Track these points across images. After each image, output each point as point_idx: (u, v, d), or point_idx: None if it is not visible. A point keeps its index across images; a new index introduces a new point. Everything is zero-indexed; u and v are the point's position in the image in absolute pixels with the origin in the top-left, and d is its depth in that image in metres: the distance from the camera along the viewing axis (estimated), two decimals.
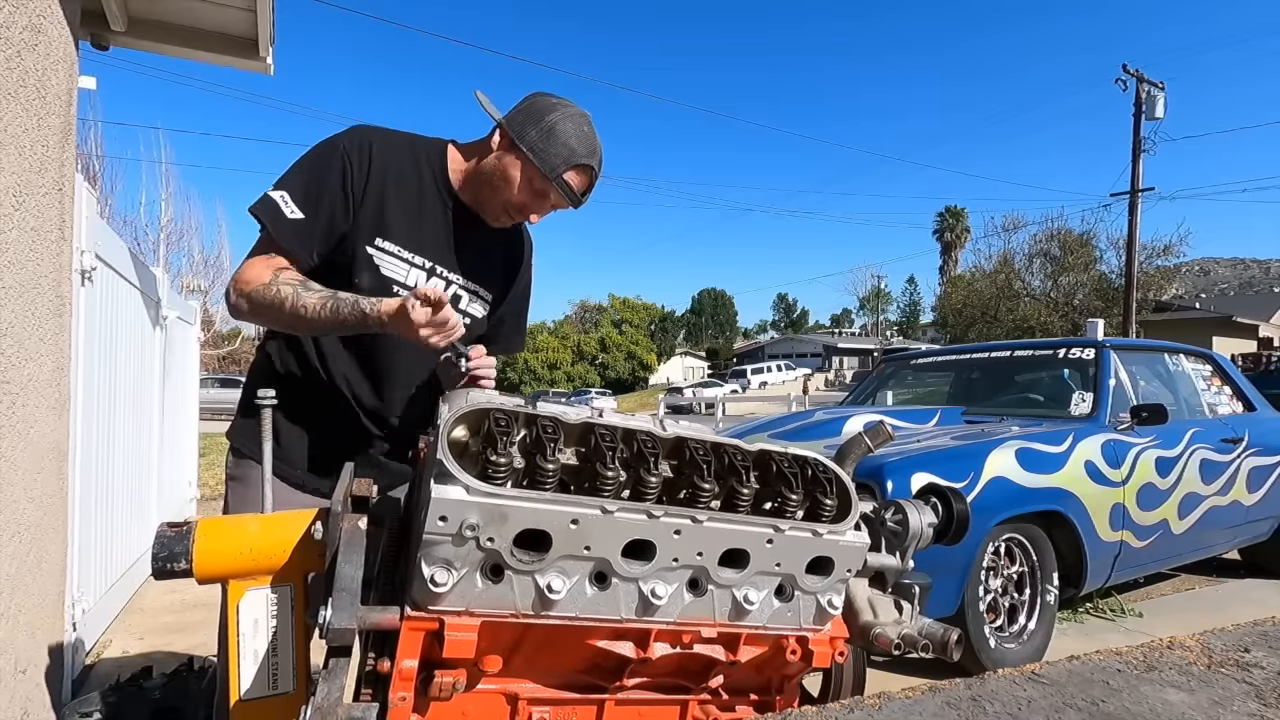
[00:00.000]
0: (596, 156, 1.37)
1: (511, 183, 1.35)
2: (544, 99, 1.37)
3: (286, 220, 1.28)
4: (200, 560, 0.97)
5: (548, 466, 0.89)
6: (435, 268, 1.42)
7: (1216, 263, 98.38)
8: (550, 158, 1.32)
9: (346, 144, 1.34)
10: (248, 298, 1.27)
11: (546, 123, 1.32)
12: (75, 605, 2.42)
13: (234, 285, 1.29)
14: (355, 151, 1.33)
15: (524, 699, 1.02)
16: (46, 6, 1.73)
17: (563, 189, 1.35)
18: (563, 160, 1.33)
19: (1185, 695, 1.08)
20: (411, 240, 1.38)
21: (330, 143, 1.35)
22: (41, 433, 1.81)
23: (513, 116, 1.36)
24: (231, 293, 1.29)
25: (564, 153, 1.33)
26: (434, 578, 0.86)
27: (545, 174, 1.33)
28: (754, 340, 72.84)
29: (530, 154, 1.32)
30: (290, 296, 1.24)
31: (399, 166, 1.38)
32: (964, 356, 4.78)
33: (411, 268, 1.39)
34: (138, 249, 10.72)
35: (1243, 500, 3.84)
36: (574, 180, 1.36)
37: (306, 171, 1.33)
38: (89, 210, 2.46)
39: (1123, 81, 18.26)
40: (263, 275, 1.27)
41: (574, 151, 1.33)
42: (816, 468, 1.06)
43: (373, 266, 1.35)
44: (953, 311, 29.08)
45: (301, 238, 1.30)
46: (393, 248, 1.37)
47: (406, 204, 1.38)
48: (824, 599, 1.06)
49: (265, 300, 1.25)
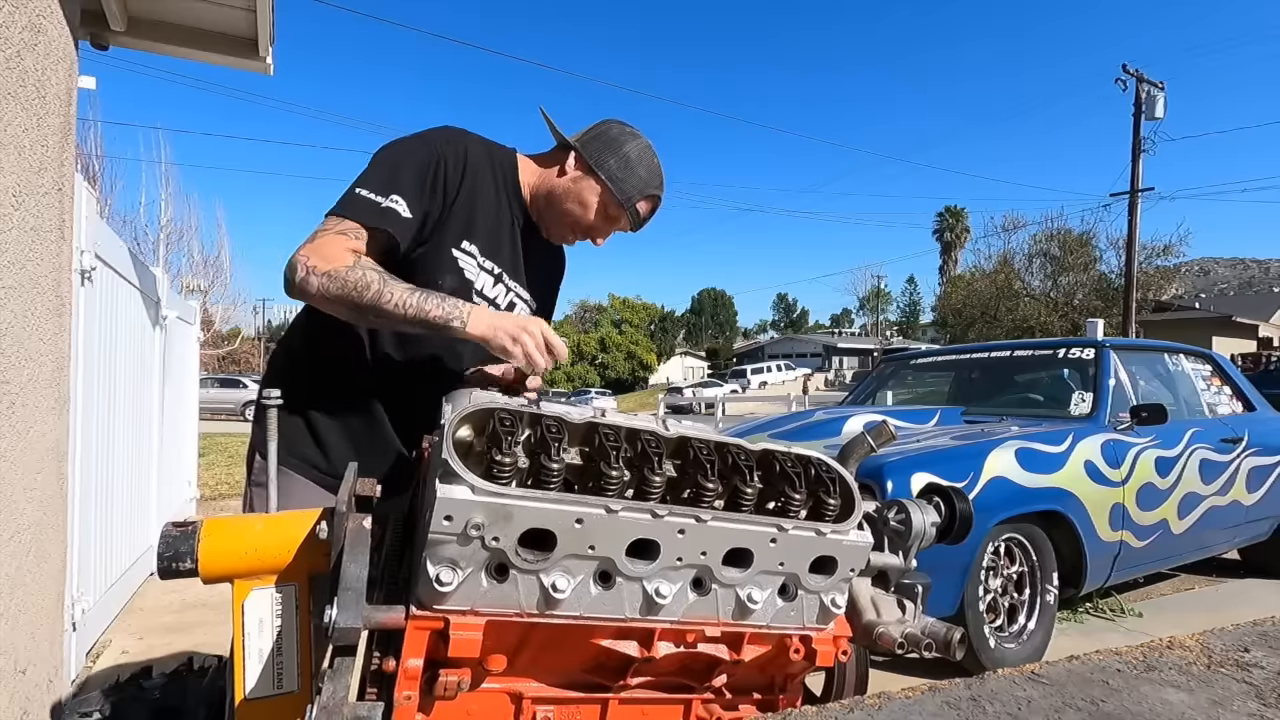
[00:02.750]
0: (663, 186, 1.46)
1: (588, 207, 1.41)
2: (618, 127, 1.44)
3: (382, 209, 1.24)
4: (205, 560, 0.97)
5: (552, 466, 0.89)
6: (502, 275, 1.44)
7: (1216, 263, 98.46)
8: (628, 187, 1.40)
9: (441, 144, 1.34)
10: (328, 275, 1.17)
11: (624, 153, 1.40)
12: (75, 605, 2.41)
13: (307, 262, 1.18)
14: (451, 152, 1.34)
15: (528, 698, 1.02)
16: (46, 6, 1.73)
17: (633, 217, 1.44)
18: (638, 190, 1.41)
19: (1185, 695, 1.08)
20: (488, 246, 1.41)
21: (425, 140, 1.34)
22: (41, 433, 1.81)
23: (588, 143, 1.42)
24: (301, 269, 1.18)
25: (639, 184, 1.41)
26: (439, 577, 0.86)
27: (621, 203, 1.40)
28: (754, 340, 72.91)
29: (609, 183, 1.39)
30: (376, 282, 1.18)
31: (485, 171, 1.40)
32: (964, 356, 4.78)
33: (482, 272, 1.40)
34: (138, 249, 10.70)
35: (1242, 500, 3.85)
36: (643, 209, 1.44)
37: (401, 166, 1.29)
38: (89, 210, 2.46)
39: (1123, 81, 18.30)
40: (345, 257, 1.20)
41: (648, 183, 1.42)
42: (820, 467, 1.06)
43: (457, 269, 1.36)
44: (953, 311, 29.13)
45: (402, 227, 1.26)
46: (475, 250, 1.39)
47: (487, 209, 1.40)
48: (827, 598, 1.06)
49: (348, 282, 1.17)
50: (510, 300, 1.47)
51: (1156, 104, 18.08)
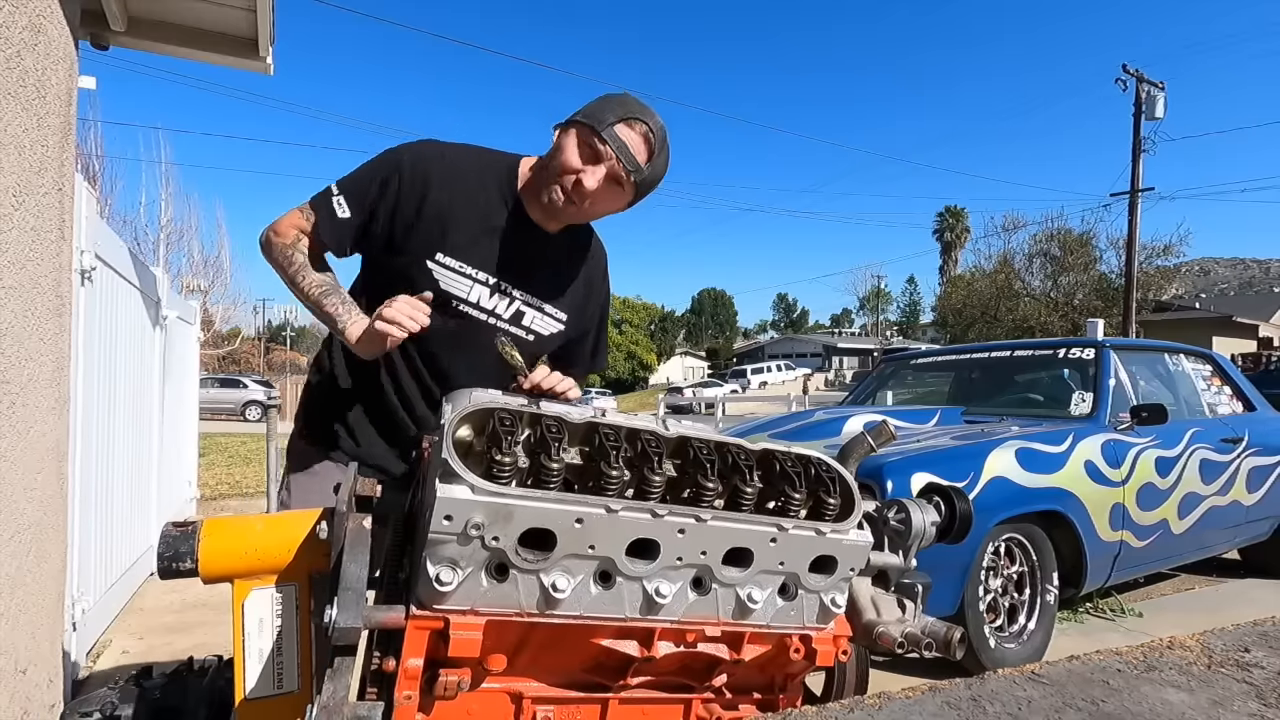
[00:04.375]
0: (654, 119, 1.31)
1: (562, 150, 1.31)
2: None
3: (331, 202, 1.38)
4: (205, 560, 0.97)
5: (552, 466, 0.89)
6: (500, 283, 1.41)
7: (1216, 263, 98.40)
8: (600, 114, 1.29)
9: (405, 157, 1.37)
10: (271, 241, 1.40)
11: (600, 99, 1.34)
12: (75, 605, 2.41)
13: (271, 227, 1.42)
14: (410, 165, 1.35)
15: (528, 698, 1.02)
16: (46, 6, 1.73)
17: (613, 142, 1.27)
18: (613, 114, 1.28)
19: (1185, 695, 1.08)
20: (475, 255, 1.38)
21: (393, 152, 1.40)
22: (41, 433, 1.81)
23: None
24: (265, 231, 1.42)
25: (615, 109, 1.29)
26: (439, 577, 0.86)
27: (595, 129, 1.27)
28: (754, 340, 72.90)
29: (583, 118, 1.30)
30: (299, 264, 1.37)
31: (464, 183, 1.38)
32: (964, 356, 4.78)
33: (474, 283, 1.39)
34: (138, 249, 10.70)
35: (1242, 500, 3.84)
36: (626, 135, 1.28)
37: (361, 171, 1.41)
38: (89, 210, 2.46)
39: (1123, 81, 18.29)
40: (290, 233, 1.39)
41: (628, 108, 1.29)
42: (820, 467, 1.06)
43: (433, 281, 1.36)
44: (953, 311, 29.12)
45: (338, 234, 1.39)
46: (453, 263, 1.37)
47: (471, 220, 1.38)
48: (827, 598, 1.06)
49: (282, 254, 1.38)
50: (516, 309, 1.43)
51: (1156, 104, 18.07)
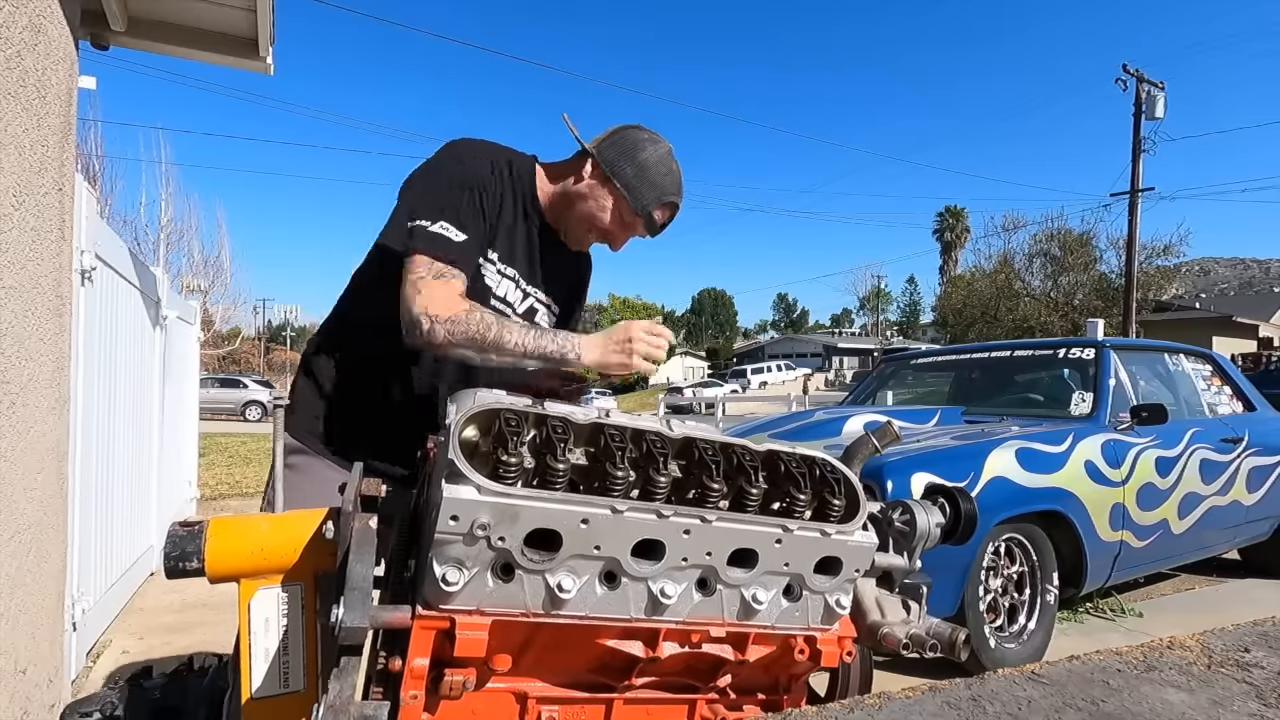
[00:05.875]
0: (681, 193, 1.45)
1: (604, 214, 1.41)
2: (636, 132, 1.42)
3: (457, 244, 1.28)
4: (212, 559, 0.97)
5: (558, 466, 0.89)
6: (521, 281, 1.46)
7: (1216, 263, 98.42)
8: (643, 195, 1.39)
9: (477, 165, 1.37)
10: (451, 323, 1.21)
11: (640, 160, 1.39)
12: (75, 605, 2.41)
13: (427, 313, 1.21)
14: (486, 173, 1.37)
15: (533, 698, 1.03)
16: (46, 6, 1.73)
17: (649, 225, 1.43)
18: (654, 199, 1.40)
19: (1185, 695, 1.08)
20: (506, 253, 1.44)
21: (462, 164, 1.36)
22: (41, 433, 1.81)
23: (605, 149, 1.41)
24: (426, 321, 1.21)
25: (655, 192, 1.40)
26: (445, 577, 0.86)
27: (636, 210, 1.40)
28: (754, 340, 72.88)
29: (625, 191, 1.39)
30: (494, 325, 1.22)
31: (505, 180, 1.42)
32: (964, 356, 4.78)
33: (503, 279, 1.43)
34: (138, 249, 10.66)
35: (1242, 500, 3.85)
36: (659, 215, 1.43)
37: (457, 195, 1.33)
38: (89, 210, 2.46)
39: (1123, 81, 18.29)
40: (460, 303, 1.24)
41: (664, 190, 1.41)
42: (824, 468, 1.06)
43: (479, 276, 1.39)
44: (953, 311, 29.13)
45: (470, 258, 1.32)
46: (494, 258, 1.42)
47: (505, 217, 1.42)
48: (832, 599, 1.06)
49: (471, 329, 1.21)
50: (530, 305, 1.49)
51: (1156, 104, 18.07)
